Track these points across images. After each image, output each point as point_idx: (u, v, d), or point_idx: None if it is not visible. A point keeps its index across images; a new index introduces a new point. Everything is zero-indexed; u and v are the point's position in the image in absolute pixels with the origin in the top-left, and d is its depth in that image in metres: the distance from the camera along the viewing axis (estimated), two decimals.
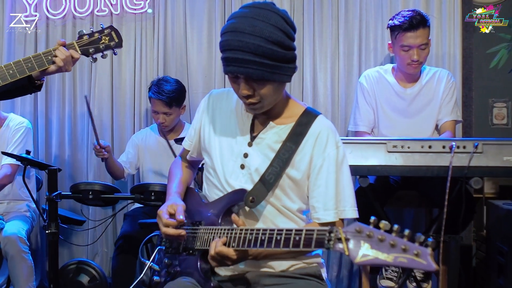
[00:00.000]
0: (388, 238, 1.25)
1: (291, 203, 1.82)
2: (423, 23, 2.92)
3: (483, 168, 2.32)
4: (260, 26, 1.60)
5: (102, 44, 2.29)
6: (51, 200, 2.67)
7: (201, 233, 1.78)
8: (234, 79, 1.71)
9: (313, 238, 1.42)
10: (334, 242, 1.35)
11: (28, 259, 3.13)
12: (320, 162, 1.77)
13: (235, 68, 1.64)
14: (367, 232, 1.28)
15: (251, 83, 1.67)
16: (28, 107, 3.99)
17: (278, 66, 1.65)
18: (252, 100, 1.71)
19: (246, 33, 1.60)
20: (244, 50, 1.60)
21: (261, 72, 1.62)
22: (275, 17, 1.64)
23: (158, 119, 3.42)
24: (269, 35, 1.60)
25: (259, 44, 1.59)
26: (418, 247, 1.20)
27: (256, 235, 1.56)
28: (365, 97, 3.15)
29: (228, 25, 1.66)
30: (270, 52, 1.61)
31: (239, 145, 1.84)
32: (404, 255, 1.21)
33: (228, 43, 1.63)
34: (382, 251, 1.25)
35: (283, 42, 1.64)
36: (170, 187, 1.98)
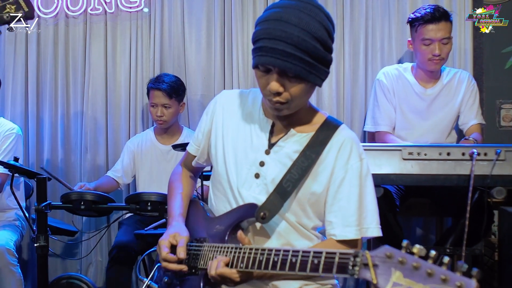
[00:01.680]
0: (424, 266, 1.08)
1: (307, 220, 1.66)
2: (446, 17, 2.79)
3: (507, 177, 2.17)
4: (307, 20, 1.47)
5: (6, 13, 1.95)
6: (40, 211, 2.49)
7: (205, 251, 1.62)
8: (264, 73, 1.54)
9: (335, 262, 1.25)
10: (360, 268, 1.18)
11: (16, 272, 2.96)
12: (343, 174, 1.62)
13: (272, 59, 1.48)
14: (400, 258, 1.12)
15: (284, 79, 1.51)
16: (18, 108, 3.82)
17: (316, 66, 1.50)
18: (280, 99, 1.54)
19: (292, 24, 1.46)
20: (286, 41, 1.45)
21: (299, 68, 1.47)
22: (321, 14, 1.51)
23: (156, 112, 3.28)
24: (315, 31, 1.47)
25: (304, 38, 1.45)
26: (461, 278, 1.03)
27: (268, 256, 1.41)
28: (385, 95, 2.99)
29: (270, 13, 1.51)
30: (313, 49, 1.47)
31: (255, 152, 1.67)
32: (444, 286, 1.05)
33: (268, 32, 1.48)
34: (417, 281, 1.08)
35: (326, 41, 1.50)
36: (171, 206, 1.82)
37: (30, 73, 3.82)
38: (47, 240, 2.53)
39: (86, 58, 3.77)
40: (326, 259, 1.28)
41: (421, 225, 3.47)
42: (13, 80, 3.81)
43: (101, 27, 3.77)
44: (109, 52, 3.77)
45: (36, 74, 3.80)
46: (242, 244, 1.51)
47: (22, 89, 3.82)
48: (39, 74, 3.82)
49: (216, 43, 3.64)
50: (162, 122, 3.30)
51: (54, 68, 3.82)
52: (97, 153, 3.78)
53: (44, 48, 3.81)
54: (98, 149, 3.78)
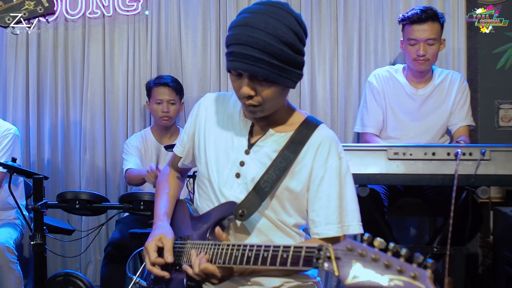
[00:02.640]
0: (383, 257, 1.12)
1: (288, 217, 1.70)
2: (433, 18, 2.82)
3: (491, 176, 2.19)
4: (274, 24, 1.49)
5: (24, 10, 1.89)
6: (37, 210, 2.55)
7: (188, 248, 1.67)
8: (236, 77, 1.58)
9: (301, 256, 1.29)
10: (323, 260, 1.22)
11: (16, 270, 3.03)
12: (322, 173, 1.65)
13: (240, 64, 1.52)
14: (360, 250, 1.15)
15: (254, 83, 1.55)
16: (20, 112, 3.89)
17: (286, 69, 1.53)
18: (252, 102, 1.59)
19: (258, 28, 1.49)
20: (253, 46, 1.49)
21: (267, 72, 1.51)
22: (289, 17, 1.53)
23: (162, 109, 3.33)
24: (281, 35, 1.49)
25: (270, 42, 1.48)
26: (416, 268, 1.07)
27: (242, 252, 1.45)
28: (374, 97, 3.03)
29: (239, 19, 1.55)
30: (280, 52, 1.50)
31: (235, 152, 1.72)
32: (399, 277, 1.08)
33: (237, 37, 1.52)
34: (375, 272, 1.11)
35: (294, 44, 1.53)
36: (157, 206, 1.87)
37: (30, 76, 3.88)
38: (44, 238, 2.58)
39: (85, 60, 3.84)
40: (294, 253, 1.32)
41: (415, 224, 3.49)
42: (14, 82, 3.89)
43: (100, 30, 3.83)
44: (107, 54, 3.83)
45: (36, 76, 3.87)
46: (220, 240, 1.55)
47: (23, 91, 3.89)
48: (39, 76, 3.89)
49: (212, 45, 3.69)
50: (167, 119, 3.34)
51: (54, 70, 3.89)
52: (95, 154, 3.83)
53: (44, 51, 3.87)
54: (96, 150, 3.84)
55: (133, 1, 3.76)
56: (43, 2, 1.90)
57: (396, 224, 3.40)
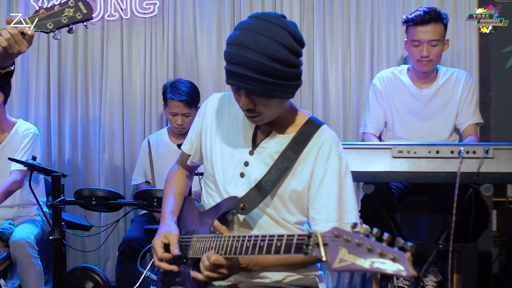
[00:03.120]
0: (366, 242, 1.17)
1: (290, 216, 1.76)
2: (436, 19, 2.84)
3: (494, 174, 2.21)
4: (265, 43, 1.52)
5: (65, 17, 1.95)
6: (55, 206, 2.65)
7: (194, 241, 1.74)
8: (236, 90, 1.65)
9: (293, 243, 1.35)
10: (313, 247, 1.28)
11: (36, 264, 3.13)
12: (322, 173, 1.71)
13: (236, 82, 1.58)
14: (345, 236, 1.21)
15: (252, 98, 1.61)
16: (41, 112, 4.02)
17: (280, 84, 1.57)
18: (252, 114, 1.66)
19: (250, 48, 1.53)
20: (246, 66, 1.53)
21: (262, 89, 1.56)
22: (282, 33, 1.55)
23: (176, 121, 3.40)
24: (273, 53, 1.52)
25: (261, 61, 1.52)
26: (396, 251, 1.12)
27: (242, 242, 1.51)
28: (377, 99, 3.07)
29: (233, 36, 1.60)
30: (272, 70, 1.53)
31: (240, 153, 1.78)
32: (381, 259, 1.14)
33: (230, 56, 1.58)
34: (359, 256, 1.17)
35: (287, 60, 1.55)
36: (164, 205, 1.94)
37: (52, 78, 4.02)
38: (61, 233, 2.68)
39: (103, 62, 3.95)
40: (287, 241, 1.38)
41: (427, 222, 3.51)
42: (36, 83, 4.02)
43: (118, 33, 3.94)
44: (125, 56, 3.94)
45: (57, 78, 4.00)
46: (219, 232, 1.62)
47: (44, 93, 4.02)
48: (60, 78, 4.02)
49: None
50: (181, 130, 3.43)
51: (74, 72, 4.01)
52: (114, 153, 3.94)
53: (64, 54, 4.00)
54: (115, 149, 3.94)
55: (150, 3, 3.86)
56: (81, 9, 1.96)
57: (408, 222, 3.43)
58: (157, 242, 1.76)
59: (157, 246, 1.75)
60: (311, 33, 3.63)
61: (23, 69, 4.05)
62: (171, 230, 1.78)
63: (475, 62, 3.45)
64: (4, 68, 1.94)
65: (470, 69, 3.43)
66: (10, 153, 3.29)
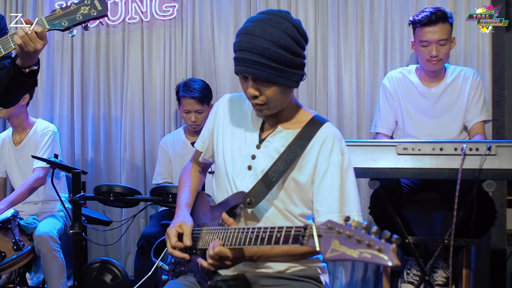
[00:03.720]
0: (356, 234, 1.25)
1: (294, 207, 1.84)
2: (443, 19, 2.89)
3: (496, 170, 2.24)
4: (270, 31, 1.66)
5: (80, 15, 2.04)
6: (75, 202, 2.78)
7: (203, 233, 1.84)
8: (243, 79, 1.76)
9: (291, 234, 1.44)
10: (309, 238, 1.36)
11: (59, 257, 3.27)
12: (325, 167, 1.79)
13: (243, 68, 1.69)
14: (338, 229, 1.29)
15: (258, 84, 1.72)
16: (65, 111, 4.19)
17: (284, 70, 1.69)
18: (258, 101, 1.76)
19: (256, 35, 1.66)
20: (252, 51, 1.66)
21: (267, 74, 1.67)
22: (286, 23, 1.69)
23: (190, 118, 3.51)
24: (277, 39, 1.66)
25: (267, 47, 1.65)
26: (382, 242, 1.20)
27: (246, 234, 1.60)
28: (387, 99, 3.13)
29: (242, 28, 1.73)
30: (277, 55, 1.66)
31: (248, 147, 1.88)
32: (368, 250, 1.22)
33: (239, 44, 1.70)
34: (349, 247, 1.25)
35: (290, 47, 1.68)
36: (180, 198, 2.05)
37: (75, 78, 4.18)
38: (81, 228, 2.81)
39: (124, 63, 4.10)
40: (285, 232, 1.46)
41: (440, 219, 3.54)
42: (60, 84, 4.19)
43: (138, 35, 4.08)
44: (145, 57, 4.07)
45: (80, 79, 4.16)
46: (226, 225, 1.71)
47: (68, 93, 4.18)
48: (83, 79, 4.17)
49: None
50: (195, 126, 3.53)
51: (97, 73, 4.16)
52: (134, 152, 4.08)
53: (87, 55, 4.16)
54: (135, 148, 4.08)
55: (169, 6, 3.98)
56: (96, 6, 2.07)
57: (420, 219, 3.47)
58: (171, 231, 1.86)
59: (172, 234, 1.85)
60: (326, 34, 3.69)
61: (48, 70, 4.21)
62: (186, 221, 1.88)
63: (488, 61, 3.45)
64: (27, 67, 2.04)
65: (483, 68, 3.44)
66: (31, 151, 3.45)
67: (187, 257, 1.84)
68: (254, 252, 1.71)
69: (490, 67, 3.48)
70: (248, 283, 1.83)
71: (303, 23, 3.51)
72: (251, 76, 1.71)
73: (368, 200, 2.92)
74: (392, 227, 2.63)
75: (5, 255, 3.09)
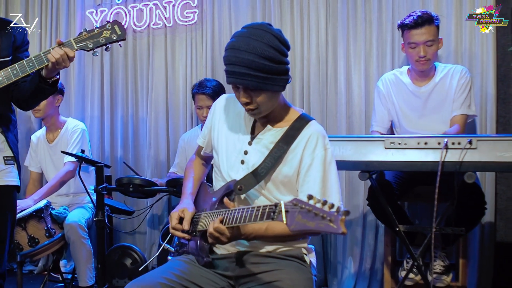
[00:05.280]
0: (314, 209, 1.46)
1: (281, 196, 2.04)
2: (429, 22, 3.04)
3: (476, 163, 2.38)
4: (254, 44, 1.87)
5: (102, 38, 2.40)
6: (98, 192, 3.06)
7: (202, 217, 2.07)
8: (235, 89, 1.99)
9: (266, 211, 1.66)
10: (278, 213, 1.58)
11: (87, 244, 3.56)
12: (310, 161, 2.00)
13: (233, 79, 1.92)
14: (300, 205, 1.50)
15: (248, 92, 1.94)
16: (96, 111, 4.52)
17: (271, 78, 1.90)
18: (250, 107, 1.98)
19: (242, 50, 1.87)
20: (240, 64, 1.87)
21: (255, 83, 1.89)
22: (268, 36, 1.89)
23: (202, 114, 3.75)
24: (261, 52, 1.86)
25: (252, 59, 1.86)
26: (333, 214, 1.41)
27: (233, 214, 1.83)
28: (380, 100, 3.31)
29: (229, 43, 1.94)
30: (262, 66, 1.87)
31: (241, 143, 2.11)
32: (322, 221, 1.43)
33: (228, 59, 1.92)
34: (308, 219, 1.47)
35: (274, 57, 1.89)
36: (184, 187, 2.28)
37: (105, 81, 4.51)
38: (104, 216, 3.09)
39: (150, 66, 4.40)
40: (262, 210, 1.68)
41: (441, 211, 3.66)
42: (91, 87, 4.52)
43: (162, 39, 4.38)
44: (169, 60, 4.37)
45: (110, 81, 4.49)
46: (228, 207, 1.92)
47: (98, 94, 4.52)
48: (112, 81, 4.50)
49: None
50: None
51: (125, 76, 4.48)
52: (159, 149, 4.36)
53: (116, 59, 4.48)
54: (160, 145, 4.36)
55: (190, 12, 4.25)
56: (116, 31, 2.42)
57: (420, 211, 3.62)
58: (174, 214, 2.09)
59: (174, 217, 2.08)
60: (336, 36, 3.89)
61: (79, 73, 4.55)
62: (188, 208, 2.11)
63: (492, 60, 3.56)
64: (51, 78, 2.41)
65: (487, 67, 3.56)
66: (63, 148, 3.77)
67: (186, 237, 2.06)
68: (250, 232, 1.92)
69: (494, 66, 3.58)
70: (240, 260, 2.06)
71: (314, 26, 3.82)
72: (242, 86, 1.93)
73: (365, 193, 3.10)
74: (386, 217, 2.83)
75: (38, 241, 3.39)
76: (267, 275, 1.98)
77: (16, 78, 2.34)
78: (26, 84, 2.47)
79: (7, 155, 2.53)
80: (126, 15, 4.38)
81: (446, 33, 3.61)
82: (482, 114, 3.57)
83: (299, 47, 3.99)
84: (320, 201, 1.48)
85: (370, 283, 3.76)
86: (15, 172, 2.57)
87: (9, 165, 2.53)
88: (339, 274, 3.83)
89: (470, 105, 3.16)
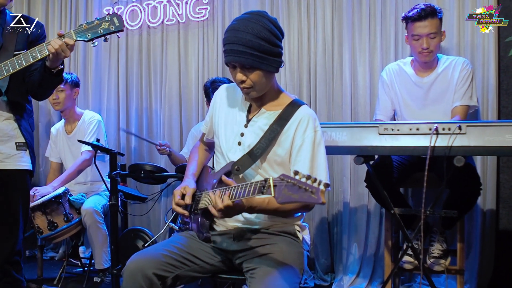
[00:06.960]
0: (298, 183, 1.61)
1: (276, 174, 2.15)
2: (432, 14, 3.13)
3: (465, 147, 2.47)
4: (252, 26, 2.04)
5: (101, 29, 2.50)
6: (112, 178, 3.23)
7: (203, 196, 2.24)
8: (232, 68, 2.14)
9: (257, 186, 1.81)
10: (268, 188, 1.73)
11: (102, 229, 3.77)
12: (300, 142, 2.15)
13: (231, 57, 2.07)
14: (286, 179, 1.65)
15: (244, 71, 2.10)
16: (112, 104, 4.71)
17: (265, 57, 2.07)
18: (245, 85, 2.14)
19: (241, 30, 2.04)
20: (238, 43, 2.04)
21: (251, 61, 2.05)
22: (264, 20, 2.08)
23: None
24: (258, 32, 2.04)
25: (250, 38, 2.03)
26: (314, 187, 1.56)
27: (235, 190, 1.96)
28: (384, 89, 3.41)
29: (229, 26, 2.12)
30: (258, 45, 2.03)
31: (238, 126, 2.27)
32: (305, 193, 1.57)
33: (227, 38, 2.09)
34: (293, 192, 1.61)
35: (269, 38, 2.06)
36: (188, 169, 2.44)
37: (120, 75, 4.70)
38: (117, 200, 3.26)
39: (163, 60, 4.58)
40: (254, 185, 1.82)
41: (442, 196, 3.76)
42: (108, 80, 4.72)
43: (175, 35, 4.55)
44: (181, 55, 4.54)
45: (125, 75, 4.68)
46: (227, 185, 2.05)
47: (115, 88, 4.71)
48: (127, 75, 4.69)
49: None
50: None
51: (140, 70, 4.66)
52: (172, 140, 4.53)
53: (131, 54, 4.67)
54: (173, 136, 4.53)
55: (202, 8, 4.41)
56: (115, 22, 2.52)
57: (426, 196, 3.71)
58: (176, 192, 2.25)
59: (176, 194, 2.23)
60: (341, 30, 4.01)
61: (96, 67, 4.75)
62: (189, 185, 2.27)
63: (493, 52, 3.64)
64: (55, 68, 2.54)
65: (488, 59, 3.64)
66: (81, 138, 3.95)
67: (186, 213, 2.20)
68: (254, 205, 2.03)
69: (495, 57, 3.65)
70: (237, 236, 2.22)
71: (321, 21, 3.99)
72: (238, 64, 2.08)
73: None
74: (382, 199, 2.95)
75: (57, 225, 3.59)
76: (261, 249, 2.15)
77: (20, 67, 2.46)
78: (35, 75, 2.62)
79: (19, 141, 2.66)
80: (141, 12, 4.57)
81: (449, 25, 3.71)
82: (484, 104, 3.65)
83: (306, 41, 4.12)
84: (304, 176, 1.63)
85: (374, 268, 3.88)
86: (27, 157, 2.68)
87: (21, 151, 2.65)
88: (344, 260, 3.96)
89: (472, 96, 3.23)
